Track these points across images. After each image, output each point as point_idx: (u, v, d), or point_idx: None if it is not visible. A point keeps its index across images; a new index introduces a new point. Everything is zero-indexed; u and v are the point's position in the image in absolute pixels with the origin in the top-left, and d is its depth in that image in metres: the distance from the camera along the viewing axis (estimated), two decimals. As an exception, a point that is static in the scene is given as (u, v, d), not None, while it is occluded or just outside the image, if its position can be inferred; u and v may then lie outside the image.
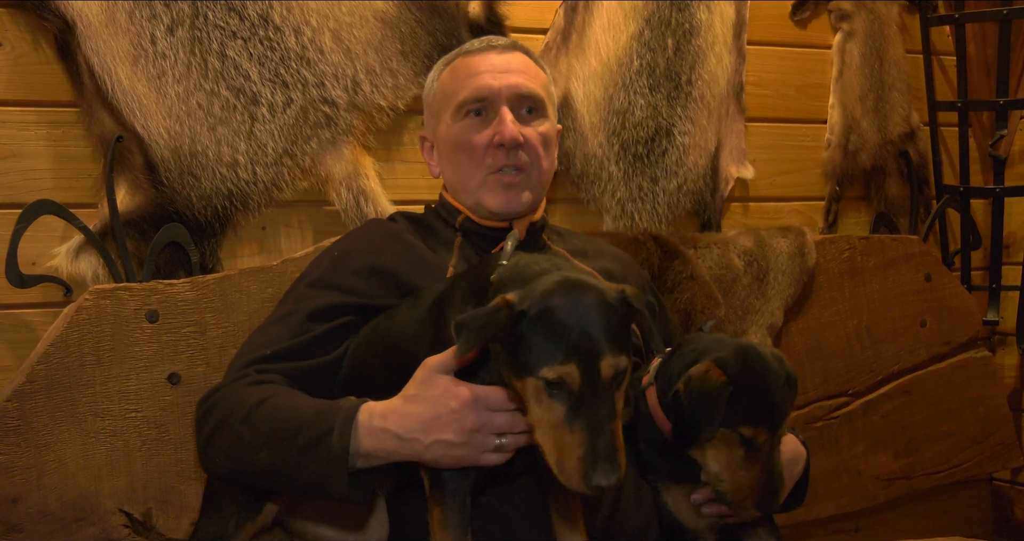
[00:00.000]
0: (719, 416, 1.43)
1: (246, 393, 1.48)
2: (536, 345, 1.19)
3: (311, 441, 1.35)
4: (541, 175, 1.72)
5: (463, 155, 1.70)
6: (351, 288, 1.63)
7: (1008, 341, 2.82)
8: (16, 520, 1.69)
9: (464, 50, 1.76)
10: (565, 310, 1.20)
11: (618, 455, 1.16)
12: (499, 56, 1.71)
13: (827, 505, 2.43)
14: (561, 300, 1.21)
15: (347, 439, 1.32)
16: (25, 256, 1.81)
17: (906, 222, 2.73)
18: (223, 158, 1.94)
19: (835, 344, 2.47)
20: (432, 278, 1.62)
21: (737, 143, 2.52)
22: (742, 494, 1.47)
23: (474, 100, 1.68)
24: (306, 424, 1.37)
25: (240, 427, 1.44)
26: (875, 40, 2.67)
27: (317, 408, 1.40)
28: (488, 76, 1.68)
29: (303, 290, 1.66)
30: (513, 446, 1.30)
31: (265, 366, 1.55)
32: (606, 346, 1.19)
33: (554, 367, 1.18)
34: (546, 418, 1.19)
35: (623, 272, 1.82)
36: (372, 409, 1.35)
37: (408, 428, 1.30)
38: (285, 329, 1.60)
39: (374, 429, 1.32)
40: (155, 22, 1.88)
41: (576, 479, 1.16)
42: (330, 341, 1.60)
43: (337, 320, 1.61)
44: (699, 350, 1.52)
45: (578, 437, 1.16)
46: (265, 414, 1.43)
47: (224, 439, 1.46)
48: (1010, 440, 2.68)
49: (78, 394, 1.74)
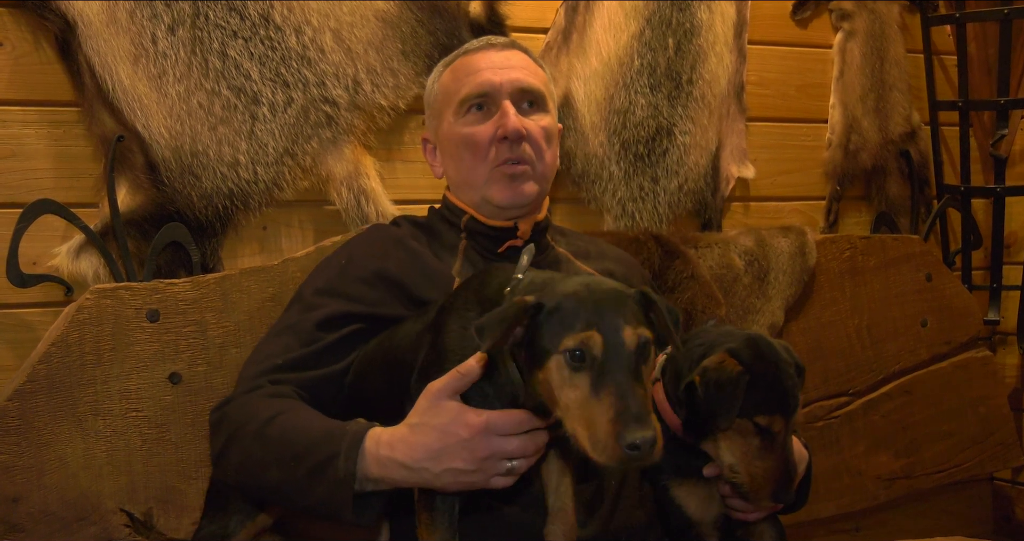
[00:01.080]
0: (737, 405, 1.43)
1: (258, 406, 1.48)
2: (557, 324, 1.19)
3: (318, 464, 1.34)
4: (545, 168, 1.72)
5: (467, 151, 1.70)
6: (358, 296, 1.63)
7: (1009, 341, 2.82)
8: (17, 520, 1.69)
9: (464, 50, 1.76)
10: (583, 295, 1.20)
11: (650, 417, 1.13)
12: (499, 53, 1.72)
13: (828, 505, 2.43)
14: (579, 289, 1.21)
15: (353, 465, 1.32)
16: (26, 256, 1.81)
17: (907, 222, 2.73)
18: (224, 157, 1.94)
19: (836, 344, 2.47)
20: (437, 285, 1.62)
21: (738, 143, 2.52)
22: (757, 484, 1.47)
23: (476, 96, 1.69)
24: (313, 446, 1.37)
25: (251, 443, 1.44)
26: (876, 40, 2.67)
27: (325, 430, 1.39)
28: (489, 72, 1.69)
29: (310, 298, 1.65)
30: (524, 469, 1.29)
31: (277, 376, 1.55)
32: (627, 318, 1.19)
33: (575, 334, 1.17)
34: (573, 397, 1.17)
35: (626, 274, 1.82)
36: (379, 437, 1.33)
37: (415, 458, 1.28)
38: (294, 338, 1.60)
39: (381, 458, 1.31)
40: (156, 22, 1.88)
41: (611, 443, 1.12)
42: (340, 350, 1.60)
43: (346, 328, 1.61)
44: (708, 343, 1.52)
45: (606, 401, 1.14)
46: (275, 432, 1.42)
47: (236, 453, 1.47)
48: (1011, 440, 2.68)
49: (79, 394, 1.74)
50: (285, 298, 1.86)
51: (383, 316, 1.61)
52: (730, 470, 1.49)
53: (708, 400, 1.45)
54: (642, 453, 1.12)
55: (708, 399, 1.45)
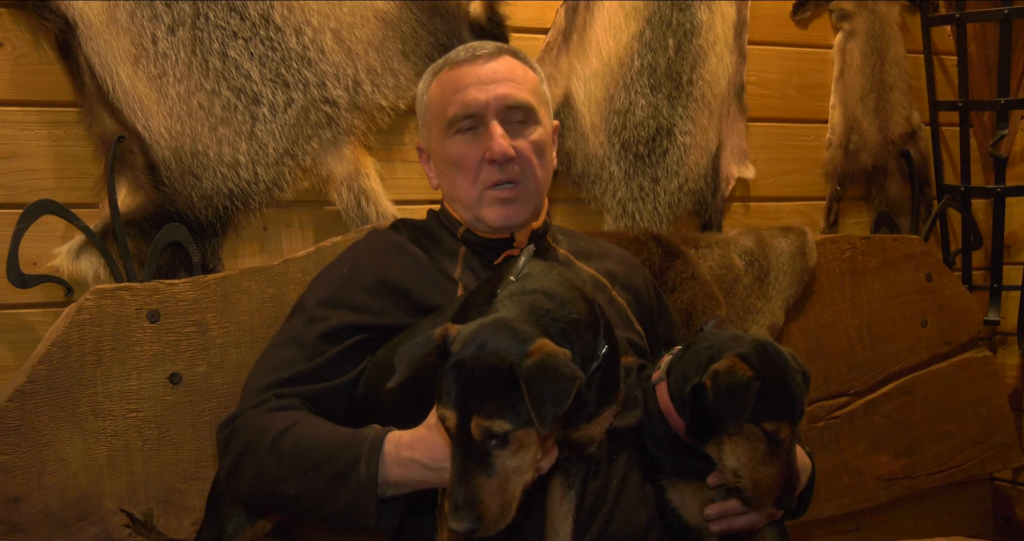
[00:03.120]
0: (748, 411, 1.43)
1: (268, 420, 1.48)
2: (441, 383, 1.22)
3: (339, 472, 1.35)
4: (537, 184, 1.71)
5: (457, 172, 1.69)
6: (362, 306, 1.62)
7: (1009, 341, 2.82)
8: (17, 520, 1.69)
9: (450, 60, 1.73)
10: (465, 363, 1.20)
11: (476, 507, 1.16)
12: (484, 66, 1.69)
13: (828, 505, 2.43)
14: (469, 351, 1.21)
15: (374, 470, 1.33)
16: (26, 256, 1.81)
17: (907, 222, 2.73)
18: (224, 158, 1.94)
19: (836, 344, 2.47)
20: (440, 291, 1.62)
21: (738, 143, 2.52)
22: (761, 489, 1.47)
23: (463, 116, 1.67)
24: (332, 454, 1.37)
25: (265, 457, 1.44)
26: (876, 40, 2.67)
27: (342, 438, 1.39)
28: (475, 90, 1.66)
29: (314, 309, 1.65)
30: (546, 469, 1.29)
31: (283, 390, 1.55)
32: (479, 407, 1.18)
33: (440, 407, 1.21)
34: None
35: (627, 273, 1.82)
36: (399, 439, 1.35)
37: (435, 458, 1.30)
38: (299, 351, 1.60)
39: (402, 459, 1.32)
40: (156, 22, 1.88)
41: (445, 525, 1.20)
42: (345, 362, 1.60)
43: (350, 340, 1.60)
44: (717, 346, 1.52)
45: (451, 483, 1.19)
46: (290, 444, 1.43)
47: (249, 468, 1.47)
48: (1011, 440, 2.68)
49: (79, 394, 1.74)
50: (285, 298, 1.86)
51: (387, 325, 1.61)
52: (734, 475, 1.49)
53: (719, 404, 1.45)
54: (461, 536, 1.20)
55: (719, 403, 1.45)
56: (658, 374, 1.60)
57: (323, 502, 1.37)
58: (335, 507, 1.36)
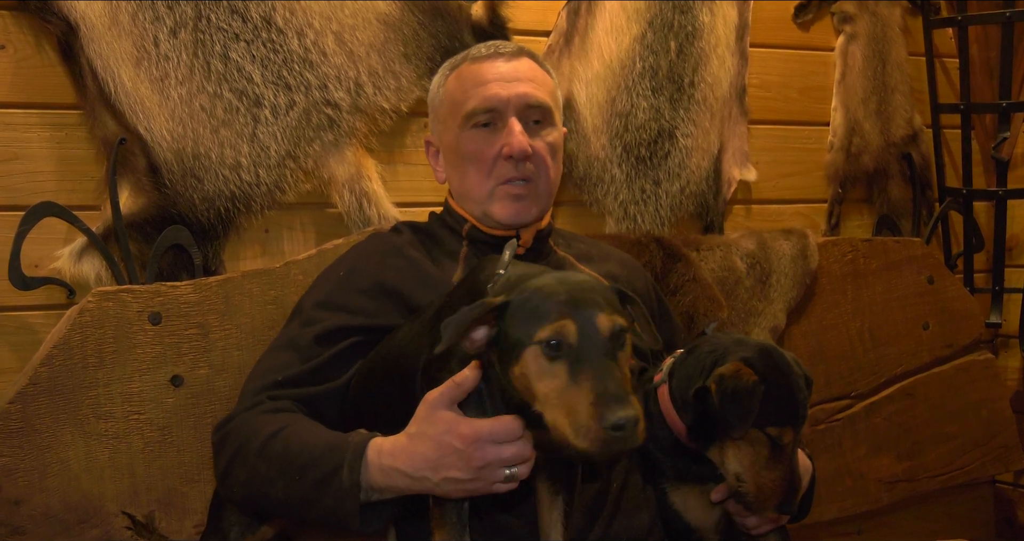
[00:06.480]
0: (753, 415, 1.43)
1: (260, 423, 1.49)
2: (528, 316, 1.18)
3: (323, 476, 1.35)
4: (549, 185, 1.71)
5: (471, 166, 1.69)
6: (358, 309, 1.63)
7: (1011, 343, 2.82)
8: (19, 522, 1.69)
9: (471, 56, 1.74)
10: (555, 287, 1.19)
11: (630, 397, 1.12)
12: (506, 64, 1.70)
13: (830, 507, 2.43)
14: (551, 282, 1.20)
15: (357, 475, 1.32)
16: (28, 258, 1.81)
17: (909, 224, 2.73)
18: (226, 160, 1.94)
19: (837, 346, 2.47)
20: (437, 293, 1.62)
21: (740, 145, 2.52)
22: (763, 494, 1.47)
23: (483, 111, 1.67)
24: (317, 459, 1.37)
25: (255, 459, 1.45)
26: (878, 42, 2.67)
27: (327, 442, 1.39)
28: (496, 85, 1.67)
29: (310, 312, 1.65)
30: (524, 475, 1.28)
31: (277, 393, 1.56)
32: (600, 306, 1.17)
33: (549, 325, 1.16)
34: (551, 387, 1.15)
35: (629, 276, 1.82)
36: (380, 447, 1.34)
37: (415, 467, 1.29)
38: (294, 354, 1.60)
39: (384, 467, 1.32)
40: (158, 24, 1.88)
41: (593, 426, 1.10)
42: (339, 364, 1.60)
43: (344, 342, 1.60)
44: (720, 350, 1.52)
45: (585, 386, 1.12)
46: (278, 447, 1.43)
47: (241, 470, 1.47)
48: (1013, 443, 2.68)
49: (81, 396, 1.74)
50: (287, 301, 1.86)
51: (383, 328, 1.61)
52: (736, 479, 1.49)
53: (723, 408, 1.44)
54: (625, 433, 1.10)
55: (723, 407, 1.44)
56: (659, 376, 1.60)
57: (309, 506, 1.37)
58: (321, 511, 1.36)
